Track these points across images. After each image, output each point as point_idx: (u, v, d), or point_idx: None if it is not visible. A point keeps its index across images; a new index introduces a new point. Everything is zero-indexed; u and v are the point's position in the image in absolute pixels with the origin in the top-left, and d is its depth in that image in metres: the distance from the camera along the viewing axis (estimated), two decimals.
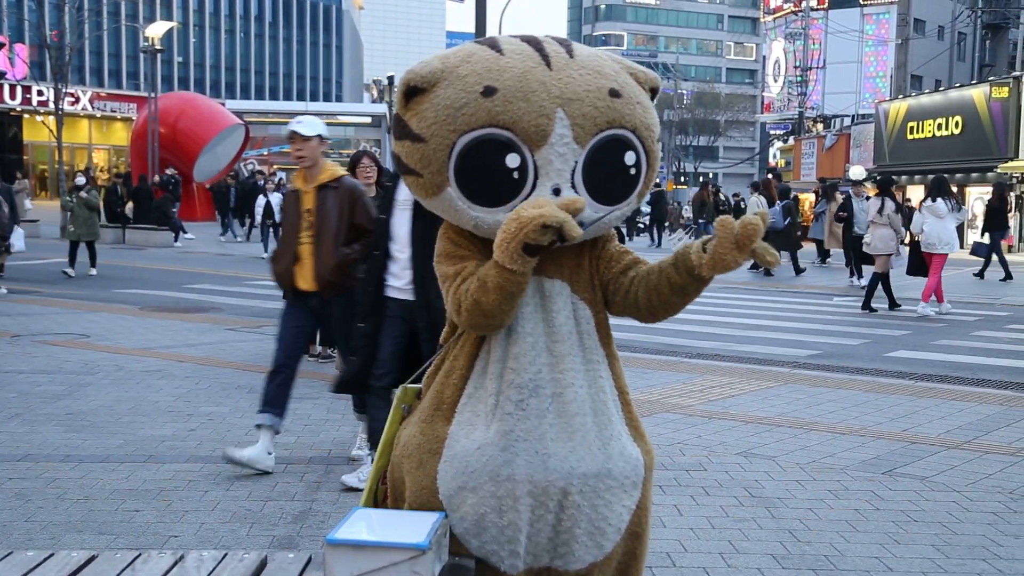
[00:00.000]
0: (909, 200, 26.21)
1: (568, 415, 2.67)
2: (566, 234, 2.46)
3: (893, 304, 14.82)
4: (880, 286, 14.71)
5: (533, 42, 2.73)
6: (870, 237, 15.20)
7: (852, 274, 19.07)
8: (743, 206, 31.07)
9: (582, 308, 2.77)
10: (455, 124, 2.58)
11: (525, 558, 2.71)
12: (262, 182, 27.42)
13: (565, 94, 2.61)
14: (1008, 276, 20.08)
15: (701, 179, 27.04)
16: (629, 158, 2.71)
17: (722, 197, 30.57)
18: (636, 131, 2.71)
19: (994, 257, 20.77)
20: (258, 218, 23.41)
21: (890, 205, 14.74)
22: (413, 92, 2.67)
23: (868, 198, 17.96)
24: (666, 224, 33.31)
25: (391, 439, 2.88)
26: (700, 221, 25.35)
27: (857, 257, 18.52)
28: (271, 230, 21.66)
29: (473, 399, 2.72)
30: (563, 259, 2.72)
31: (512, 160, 2.59)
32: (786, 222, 21.45)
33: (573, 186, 2.64)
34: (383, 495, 2.89)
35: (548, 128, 2.58)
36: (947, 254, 14.28)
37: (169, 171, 31.30)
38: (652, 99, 2.85)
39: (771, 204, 22.13)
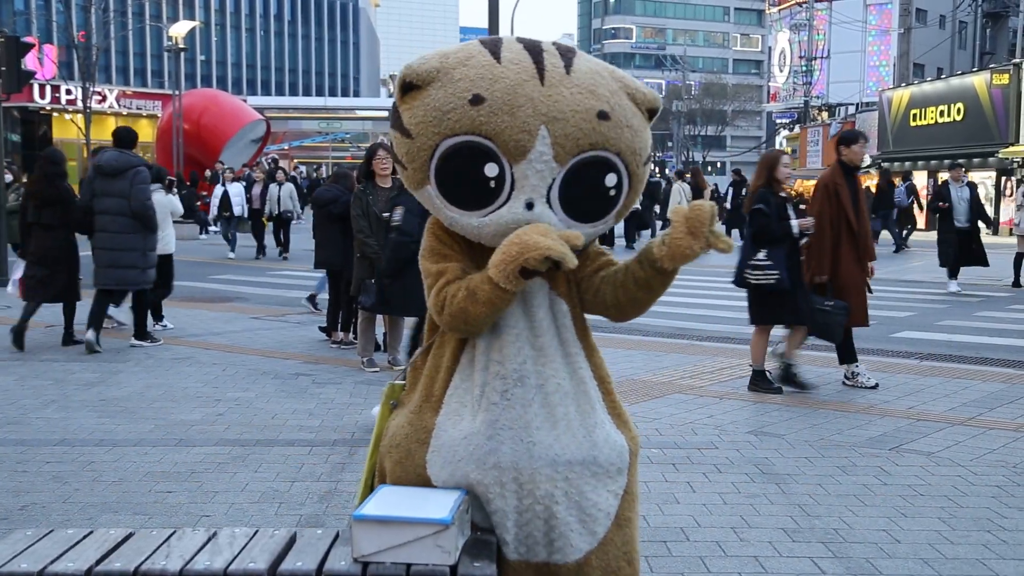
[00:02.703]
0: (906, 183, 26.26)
1: (552, 404, 2.73)
2: (564, 265, 2.53)
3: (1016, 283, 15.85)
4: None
5: (534, 52, 2.71)
6: (1019, 218, 15.69)
7: (952, 276, 15.68)
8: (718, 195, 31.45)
9: (559, 303, 2.82)
10: (440, 127, 2.62)
11: (516, 547, 2.74)
12: (247, 173, 25.40)
13: (551, 112, 2.61)
14: (898, 249, 23.42)
15: (712, 169, 25.68)
16: (610, 180, 2.71)
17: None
18: (621, 154, 2.70)
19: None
20: (214, 210, 21.89)
21: None
22: (409, 87, 2.72)
23: (969, 184, 16.64)
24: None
25: (381, 434, 2.93)
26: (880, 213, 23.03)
27: (960, 255, 15.51)
28: (228, 223, 20.87)
29: (460, 390, 2.77)
30: None
31: (490, 169, 2.63)
32: (909, 200, 24.11)
33: (548, 202, 2.68)
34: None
35: (529, 144, 2.60)
36: None
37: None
38: (650, 119, 2.86)
39: (698, 193, 23.02)
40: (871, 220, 25.04)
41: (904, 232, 24.91)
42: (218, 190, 21.50)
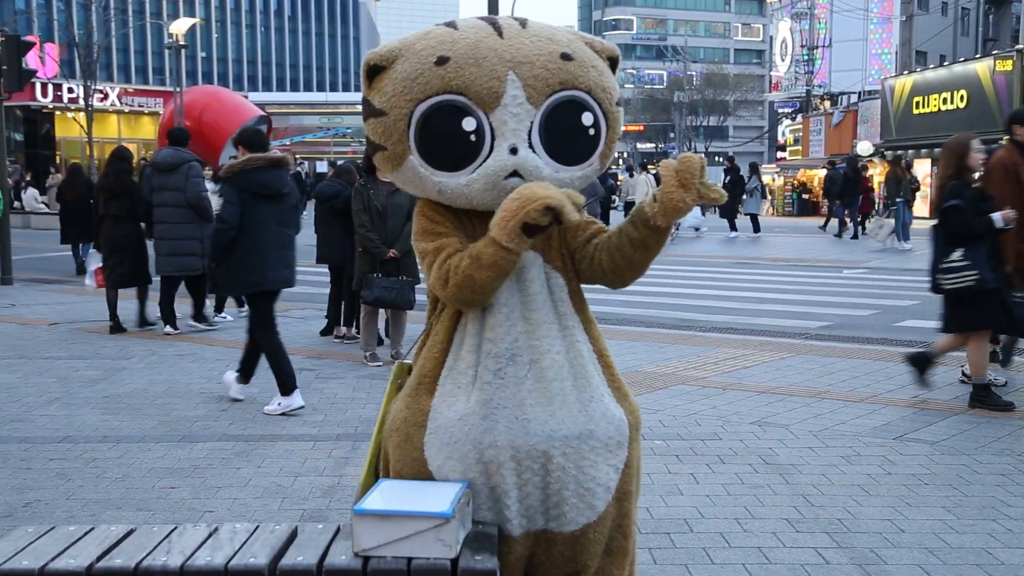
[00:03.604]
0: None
1: (546, 380, 2.74)
2: (564, 217, 2.54)
3: None
4: None
5: (488, 19, 2.85)
6: None
7: None
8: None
9: (555, 276, 2.84)
10: (411, 93, 2.69)
11: (520, 521, 2.76)
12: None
13: (516, 58, 2.70)
14: (855, 235, 24.61)
15: (892, 156, 24.50)
16: (587, 119, 2.78)
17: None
18: (591, 92, 2.78)
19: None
20: None
21: None
22: (375, 71, 2.79)
23: None
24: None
25: (386, 415, 2.94)
26: (898, 200, 22.10)
27: None
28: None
29: (453, 371, 2.79)
30: None
31: (468, 123, 2.68)
32: None
33: (531, 146, 2.72)
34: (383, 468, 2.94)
35: (500, 89, 2.68)
36: None
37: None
38: (612, 70, 2.92)
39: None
40: (836, 206, 25.69)
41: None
42: None
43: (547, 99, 2.72)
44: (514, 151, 2.70)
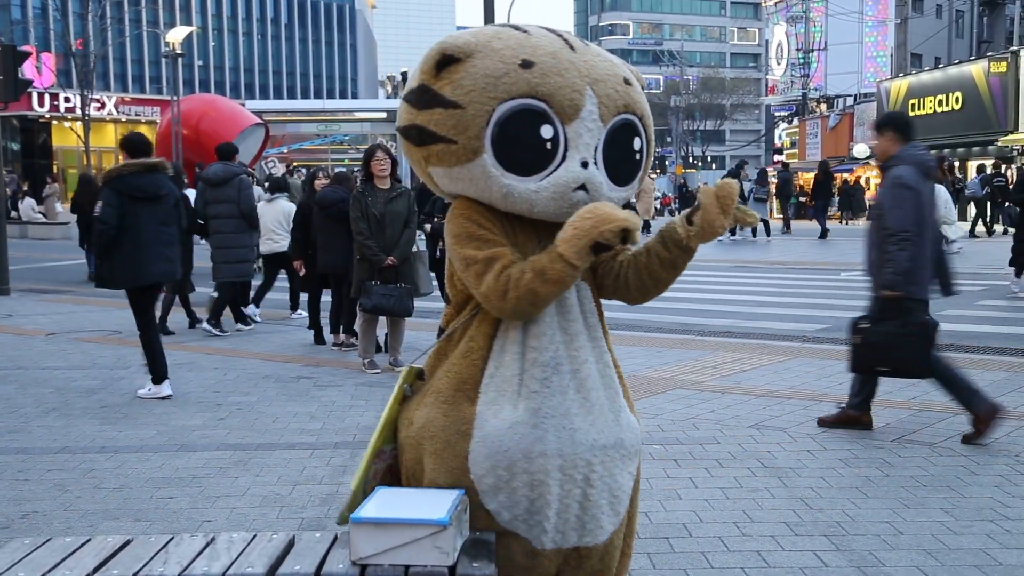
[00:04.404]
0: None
1: (586, 390, 2.79)
2: (631, 239, 2.60)
3: None
4: None
5: (552, 30, 2.89)
6: None
7: (1020, 274, 13.99)
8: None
9: (584, 288, 2.89)
10: (496, 92, 2.69)
11: (553, 535, 2.77)
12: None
13: (592, 74, 2.77)
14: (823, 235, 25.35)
15: (937, 156, 24.23)
16: (636, 143, 2.87)
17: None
18: (642, 119, 2.89)
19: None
20: None
21: None
22: (448, 61, 2.75)
23: None
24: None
25: (391, 419, 2.92)
26: None
27: None
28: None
29: (496, 379, 2.78)
30: None
31: (546, 131, 2.71)
32: (984, 191, 24.86)
33: (596, 163, 2.78)
34: (374, 474, 2.90)
35: (580, 103, 2.73)
36: None
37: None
38: None
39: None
40: (810, 207, 26.26)
41: (979, 223, 25.10)
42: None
43: (613, 119, 2.79)
44: (584, 165, 2.75)
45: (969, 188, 24.71)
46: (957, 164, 27.82)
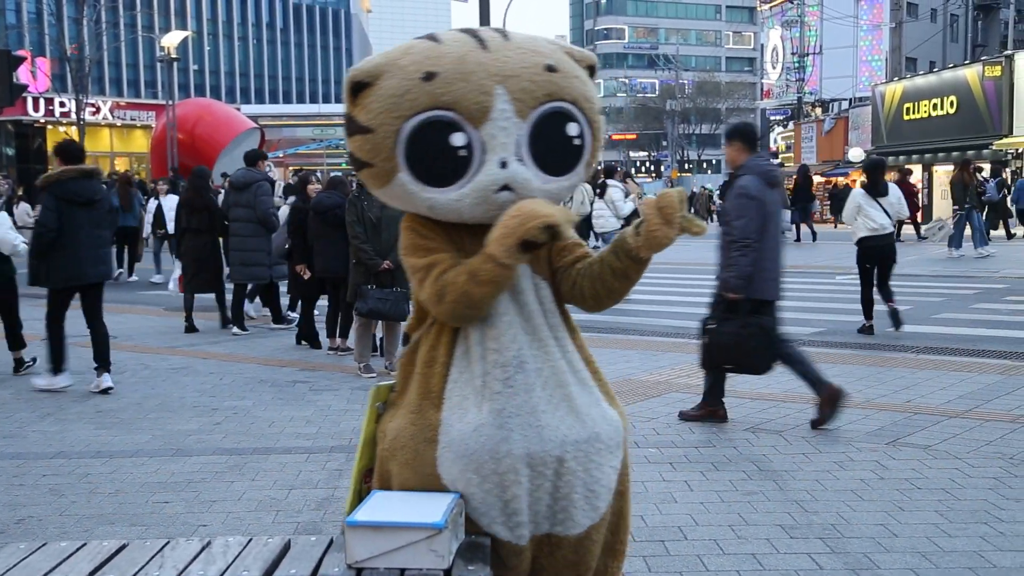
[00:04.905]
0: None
1: (552, 387, 2.77)
2: (560, 235, 2.57)
3: None
4: None
5: (469, 31, 2.84)
6: None
7: None
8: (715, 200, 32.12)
9: (543, 287, 2.87)
10: (399, 110, 2.68)
11: (529, 527, 2.78)
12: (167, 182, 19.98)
13: (503, 71, 2.70)
14: (798, 238, 26.34)
15: (961, 160, 23.54)
16: (572, 129, 2.79)
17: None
18: (576, 103, 2.79)
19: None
20: (148, 228, 18.09)
21: None
22: (359, 88, 2.77)
23: None
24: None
25: (369, 437, 2.96)
26: (966, 206, 20.85)
27: None
28: (164, 242, 17.51)
29: (459, 383, 2.78)
30: None
31: (457, 139, 2.68)
32: (1000, 194, 24.91)
33: (520, 159, 2.73)
34: (367, 492, 2.91)
35: (488, 104, 2.67)
36: None
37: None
38: (591, 76, 2.93)
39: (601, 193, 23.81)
40: (791, 211, 26.83)
41: (996, 227, 25.04)
42: (151, 205, 18.05)
43: (534, 111, 2.73)
44: (504, 165, 2.70)
45: (987, 192, 24.65)
46: (986, 168, 27.61)
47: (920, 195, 27.77)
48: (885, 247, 10.74)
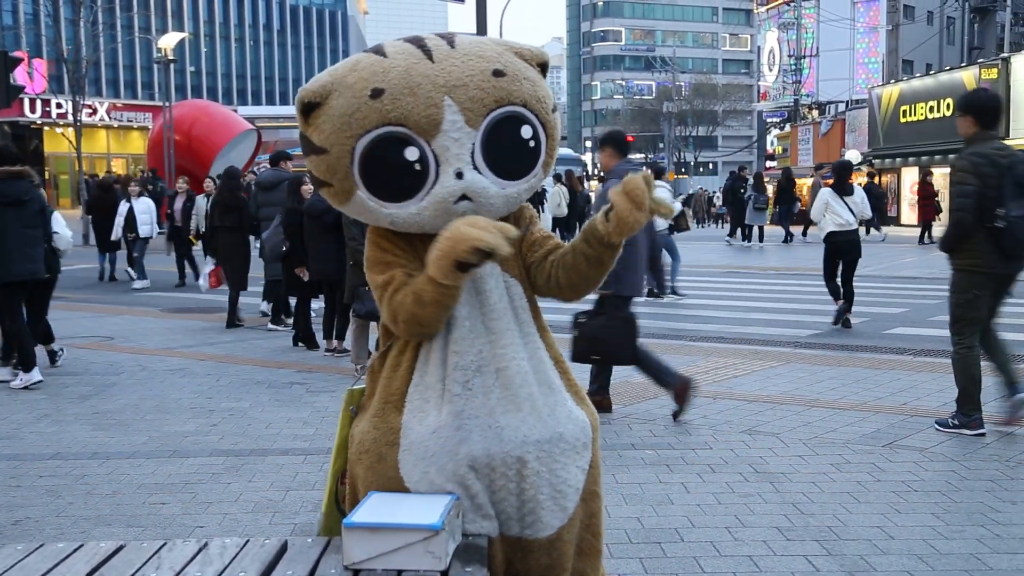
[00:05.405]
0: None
1: (513, 387, 2.77)
2: (493, 254, 2.54)
3: None
4: None
5: (415, 40, 2.82)
6: None
7: None
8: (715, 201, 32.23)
9: (514, 285, 2.87)
10: (351, 129, 2.67)
11: (499, 524, 2.79)
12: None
13: (450, 82, 2.69)
14: (786, 240, 26.92)
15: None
16: (526, 132, 2.78)
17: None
18: (527, 104, 2.77)
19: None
20: (118, 230, 17.20)
21: None
22: (309, 108, 2.76)
23: None
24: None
25: (344, 441, 2.96)
26: None
27: None
28: (132, 245, 17.09)
29: (420, 387, 2.79)
30: None
31: (411, 153, 2.67)
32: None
33: (476, 167, 2.72)
34: (343, 496, 2.93)
35: (438, 116, 2.66)
36: None
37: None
38: (543, 75, 2.91)
39: (573, 195, 25.47)
40: (774, 212, 27.15)
41: None
42: (122, 207, 17.17)
43: (485, 119, 2.72)
44: (459, 175, 2.70)
45: None
46: None
47: (937, 198, 27.58)
48: (851, 242, 11.34)
